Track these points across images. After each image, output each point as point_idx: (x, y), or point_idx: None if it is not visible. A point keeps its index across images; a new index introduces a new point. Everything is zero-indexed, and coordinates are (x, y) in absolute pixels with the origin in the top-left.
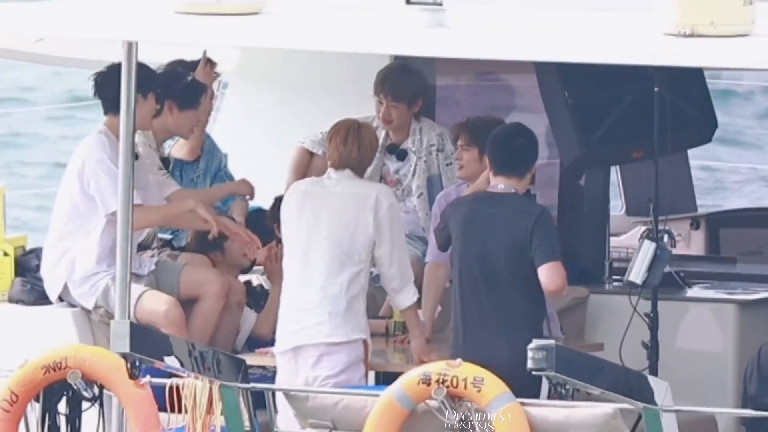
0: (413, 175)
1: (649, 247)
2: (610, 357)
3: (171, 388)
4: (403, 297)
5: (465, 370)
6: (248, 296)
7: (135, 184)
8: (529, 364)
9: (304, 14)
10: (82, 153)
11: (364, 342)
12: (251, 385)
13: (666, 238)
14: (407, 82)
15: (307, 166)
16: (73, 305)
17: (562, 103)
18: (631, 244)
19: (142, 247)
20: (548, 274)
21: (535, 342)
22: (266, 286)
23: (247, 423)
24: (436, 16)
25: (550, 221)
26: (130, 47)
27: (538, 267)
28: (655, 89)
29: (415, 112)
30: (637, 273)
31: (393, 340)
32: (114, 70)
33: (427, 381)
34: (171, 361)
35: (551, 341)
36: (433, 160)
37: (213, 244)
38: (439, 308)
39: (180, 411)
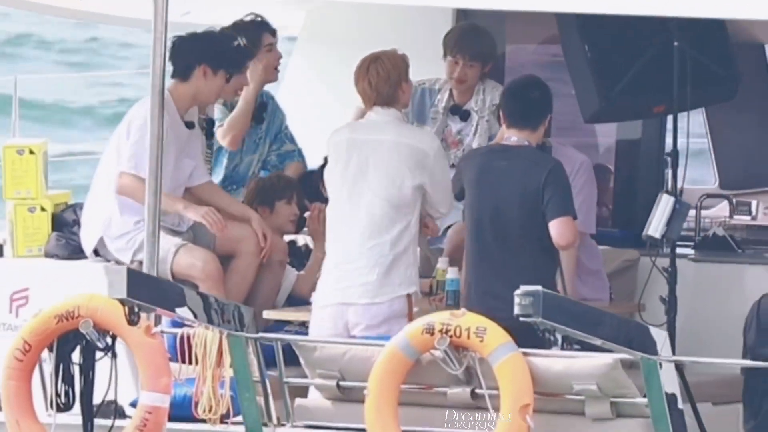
0: (474, 134)
1: (668, 201)
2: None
3: (182, 338)
4: None
5: (468, 320)
6: (292, 255)
7: (187, 152)
8: (516, 310)
9: None
10: (132, 113)
11: (408, 296)
12: (259, 335)
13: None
14: (482, 42)
15: None
16: (108, 259)
17: (582, 56)
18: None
19: None
20: (558, 229)
21: (522, 288)
22: (311, 246)
23: (257, 374)
24: None
25: (563, 175)
26: (158, 3)
27: (549, 221)
28: (675, 44)
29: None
30: (656, 227)
31: (432, 298)
32: (198, 39)
33: (430, 331)
34: (170, 308)
35: (538, 287)
36: (495, 120)
37: (265, 200)
38: None
39: (191, 362)
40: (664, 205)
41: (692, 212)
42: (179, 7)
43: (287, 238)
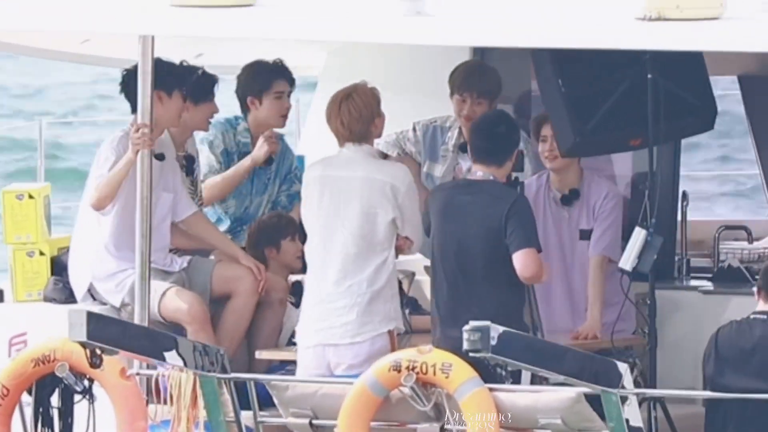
0: None
1: (639, 234)
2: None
3: (157, 380)
4: None
5: (434, 357)
6: (296, 295)
7: (163, 185)
8: (464, 345)
9: (295, 5)
10: (100, 150)
11: (389, 332)
12: (231, 375)
13: None
14: (489, 79)
15: None
16: (103, 303)
17: (557, 91)
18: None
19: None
20: (522, 261)
21: (471, 323)
22: None
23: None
24: (414, 4)
25: (526, 208)
26: (145, 42)
27: (512, 254)
28: (649, 76)
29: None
30: (626, 260)
31: None
32: (135, 69)
33: (397, 368)
34: (134, 351)
35: (487, 323)
36: None
37: (270, 240)
38: None
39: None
40: (635, 238)
41: (710, 244)
42: (193, 48)
43: (293, 278)
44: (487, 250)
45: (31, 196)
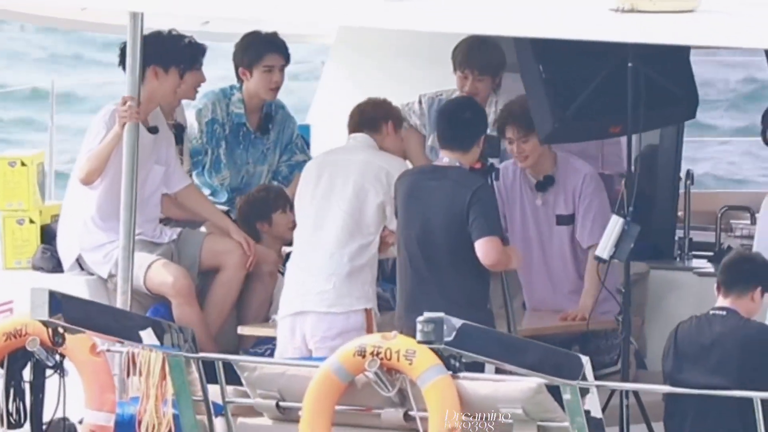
0: None
1: (616, 222)
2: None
3: (128, 357)
4: None
5: (398, 343)
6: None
7: (156, 158)
8: (417, 336)
9: None
10: (91, 124)
11: (366, 311)
12: (200, 354)
13: None
14: (491, 55)
15: None
16: (91, 273)
17: (537, 77)
18: None
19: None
20: (483, 249)
21: (425, 315)
22: None
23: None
24: None
25: (489, 195)
26: (135, 18)
27: (474, 241)
28: (629, 65)
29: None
30: (603, 248)
31: None
32: (146, 41)
33: (362, 353)
34: (98, 329)
35: (441, 314)
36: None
37: (261, 215)
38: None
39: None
40: (612, 226)
41: (712, 225)
42: (200, 15)
43: (287, 249)
44: (450, 236)
45: (23, 163)
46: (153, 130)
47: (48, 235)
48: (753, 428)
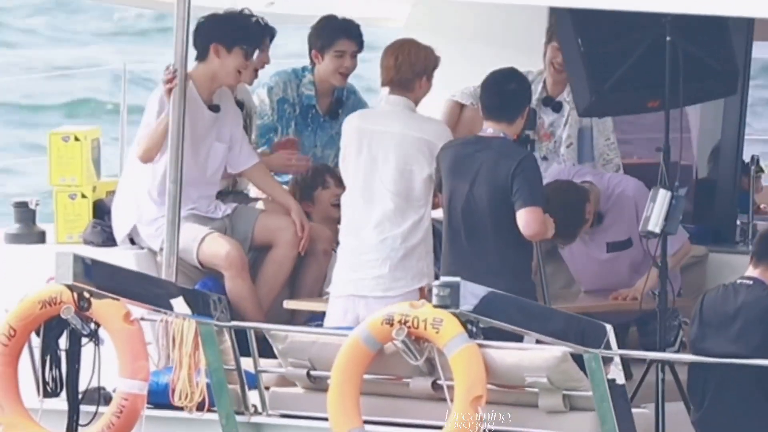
0: (565, 125)
1: (665, 196)
2: None
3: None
4: None
5: (426, 312)
6: None
7: (216, 135)
8: (433, 301)
9: None
10: (148, 102)
11: (421, 289)
12: (231, 323)
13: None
14: None
15: (457, 118)
16: (142, 247)
17: (576, 50)
18: None
19: (223, 193)
20: (525, 219)
21: (442, 279)
22: None
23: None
24: None
25: (533, 166)
26: None
27: (516, 211)
28: (668, 39)
29: None
30: (655, 223)
31: None
32: (212, 19)
33: (390, 322)
34: (124, 295)
35: (457, 279)
36: None
37: (304, 196)
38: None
39: None
40: (661, 200)
41: None
42: None
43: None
44: (493, 207)
45: (77, 138)
46: (214, 109)
47: (101, 211)
48: None
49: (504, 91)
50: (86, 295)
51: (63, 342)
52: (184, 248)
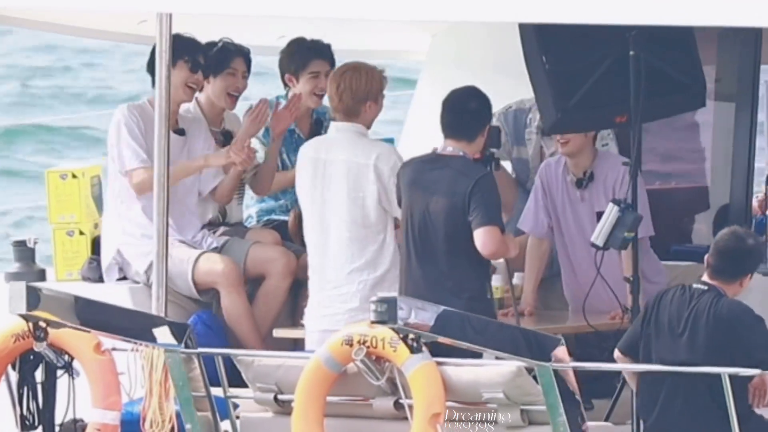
0: None
1: (611, 210)
2: None
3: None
4: None
5: (384, 331)
6: None
7: (187, 159)
8: (371, 317)
9: None
10: (112, 121)
11: None
12: (199, 350)
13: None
14: None
15: None
16: (136, 281)
17: (541, 68)
18: None
19: (212, 224)
20: (482, 239)
21: (379, 295)
22: None
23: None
24: None
25: (491, 185)
26: (163, 19)
27: (473, 231)
28: (631, 53)
29: None
30: (597, 235)
31: (504, 312)
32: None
33: (349, 342)
34: (82, 324)
35: (394, 295)
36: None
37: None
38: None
39: None
40: (607, 214)
41: None
42: (276, 30)
43: None
44: (450, 225)
45: (74, 176)
46: (179, 132)
47: (99, 246)
48: (723, 405)
49: (464, 109)
50: (42, 324)
51: (39, 375)
52: (178, 272)
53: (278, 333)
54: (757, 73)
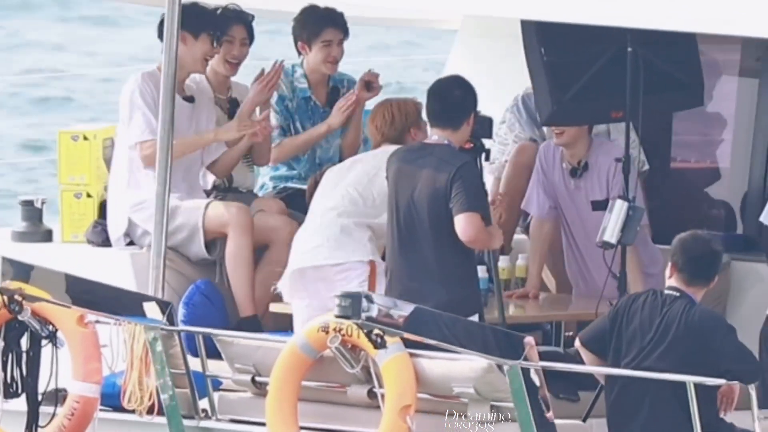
0: None
1: (621, 207)
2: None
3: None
4: None
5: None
6: None
7: (195, 128)
8: (335, 311)
9: None
10: (124, 91)
11: (370, 262)
12: (180, 327)
13: None
14: None
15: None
16: (140, 246)
17: (539, 60)
18: None
19: (219, 189)
20: (461, 225)
21: (343, 291)
22: None
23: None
24: None
25: (473, 173)
26: None
27: (454, 217)
28: (629, 49)
29: None
30: (611, 233)
31: (509, 294)
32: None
33: (326, 329)
34: (61, 298)
35: (359, 290)
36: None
37: None
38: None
39: None
40: (618, 211)
41: None
42: None
43: None
44: (433, 213)
45: (86, 138)
46: (189, 99)
47: (106, 209)
48: (688, 411)
49: (449, 97)
50: (18, 298)
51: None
52: (187, 221)
53: (275, 307)
54: None
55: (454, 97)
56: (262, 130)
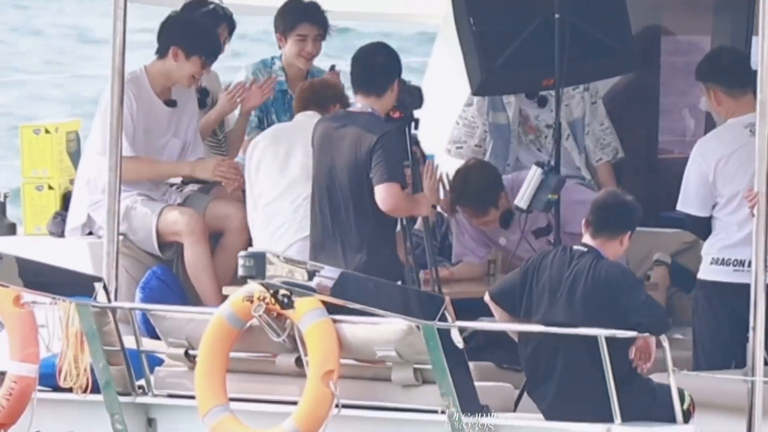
0: (556, 118)
1: (534, 172)
2: None
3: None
4: None
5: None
6: None
7: (174, 131)
8: (239, 272)
9: None
10: (101, 99)
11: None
12: (114, 304)
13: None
14: None
15: None
16: (100, 236)
17: (468, 29)
18: None
19: (184, 181)
20: (381, 194)
21: (248, 250)
22: None
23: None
24: None
25: (393, 142)
26: None
27: (374, 186)
28: (556, 16)
29: None
30: (520, 197)
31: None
32: (179, 21)
33: (250, 298)
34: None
35: (263, 249)
36: (577, 102)
37: None
38: None
39: None
40: (531, 176)
41: None
42: None
43: None
44: (353, 182)
45: (47, 131)
46: (171, 104)
47: (69, 201)
48: (601, 366)
49: (371, 63)
50: None
51: None
52: (142, 225)
53: (227, 290)
54: (748, 45)
55: (377, 64)
56: (234, 183)
